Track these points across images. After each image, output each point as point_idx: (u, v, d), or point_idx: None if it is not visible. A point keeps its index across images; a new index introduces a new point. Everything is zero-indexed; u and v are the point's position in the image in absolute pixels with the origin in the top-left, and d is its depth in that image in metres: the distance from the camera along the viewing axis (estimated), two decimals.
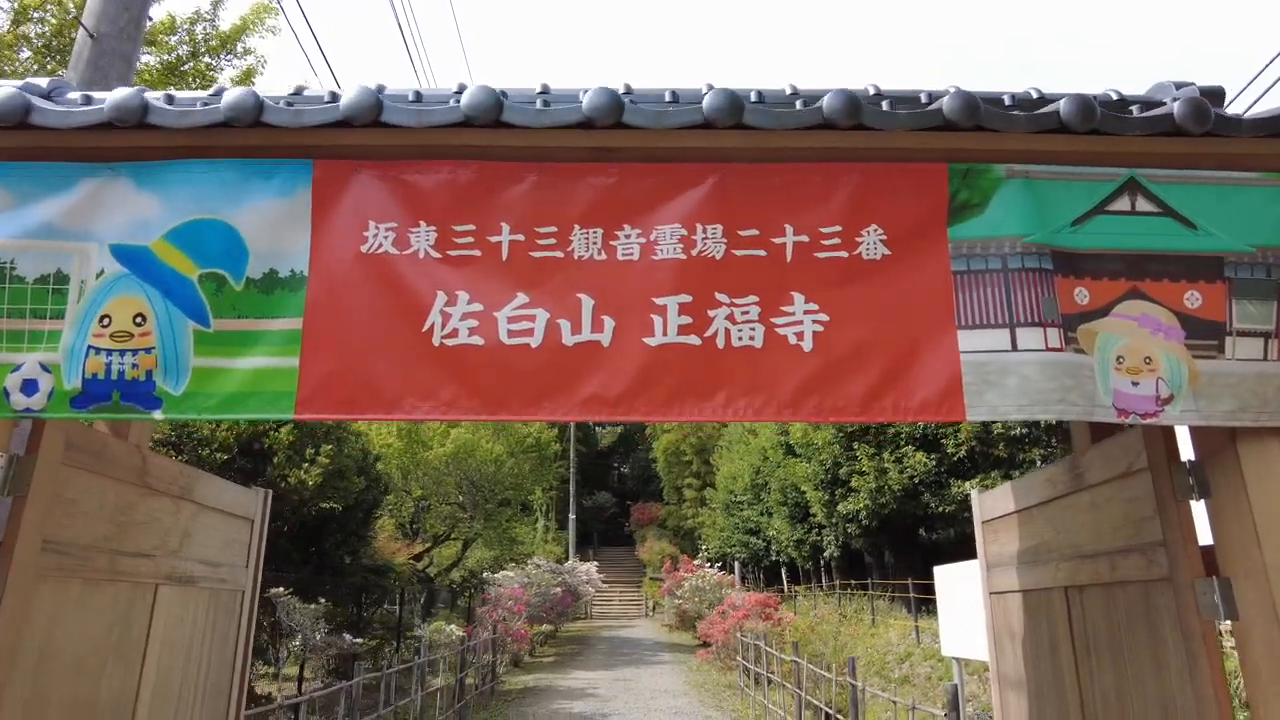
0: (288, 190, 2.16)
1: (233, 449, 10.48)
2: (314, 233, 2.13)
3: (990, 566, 3.81)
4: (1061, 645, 3.03)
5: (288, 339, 2.07)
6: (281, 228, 2.13)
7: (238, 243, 2.12)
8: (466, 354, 2.04)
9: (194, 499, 3.30)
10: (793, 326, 2.08)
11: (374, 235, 2.13)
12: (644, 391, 2.03)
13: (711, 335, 2.07)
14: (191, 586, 3.28)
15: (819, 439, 17.56)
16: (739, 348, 2.07)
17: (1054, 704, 3.10)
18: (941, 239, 2.15)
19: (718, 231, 2.12)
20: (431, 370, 2.03)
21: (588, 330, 2.06)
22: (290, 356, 2.06)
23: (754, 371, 2.05)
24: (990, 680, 3.81)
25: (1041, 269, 2.13)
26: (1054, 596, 3.11)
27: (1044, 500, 3.22)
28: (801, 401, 2.04)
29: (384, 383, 2.02)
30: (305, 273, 2.12)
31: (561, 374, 2.04)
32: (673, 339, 2.06)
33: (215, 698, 3.51)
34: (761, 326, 2.08)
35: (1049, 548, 3.18)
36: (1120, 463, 2.64)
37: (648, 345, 2.06)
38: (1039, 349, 2.07)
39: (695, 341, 2.06)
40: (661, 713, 11.18)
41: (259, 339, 2.08)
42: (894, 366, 2.06)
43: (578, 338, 2.06)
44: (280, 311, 2.10)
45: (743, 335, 2.07)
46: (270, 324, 2.09)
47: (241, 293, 2.10)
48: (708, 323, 2.08)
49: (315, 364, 2.04)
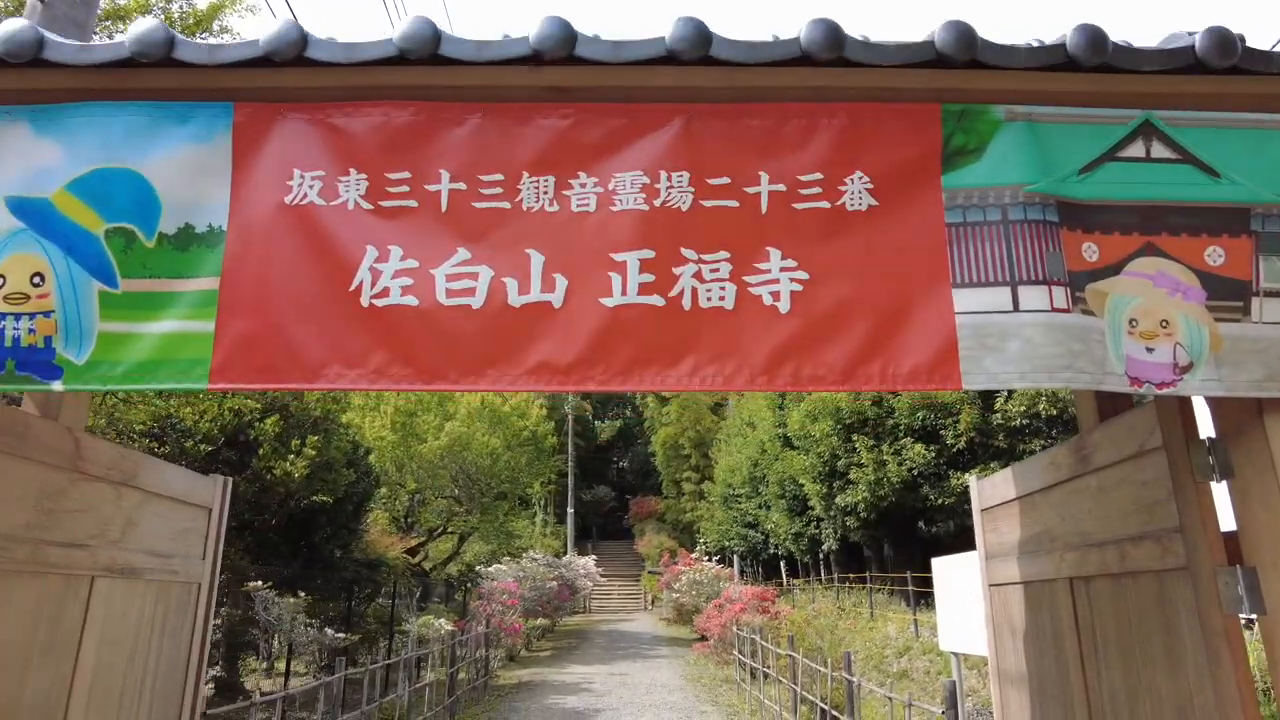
0: (205, 136, 1.94)
1: (218, 440, 10.28)
2: (234, 183, 1.91)
3: (990, 557, 3.60)
4: (1066, 640, 2.81)
5: (203, 301, 1.86)
6: (198, 177, 1.91)
7: (149, 194, 1.90)
8: (399, 316, 1.82)
9: (138, 485, 3.09)
10: (768, 285, 1.86)
11: (299, 185, 1.91)
12: (601, 358, 1.81)
13: (677, 295, 1.85)
14: (136, 579, 3.06)
15: (817, 431, 17.36)
16: (708, 309, 1.85)
17: (1057, 701, 2.89)
18: (934, 188, 1.93)
19: (684, 179, 1.90)
20: (359, 334, 1.81)
21: (537, 290, 1.84)
22: (205, 320, 1.85)
23: (724, 335, 1.83)
24: (990, 676, 3.60)
25: (1045, 221, 1.91)
26: (1058, 588, 2.89)
27: (1047, 485, 3.01)
28: (777, 368, 1.82)
29: (306, 348, 1.80)
30: (224, 227, 1.90)
31: (507, 339, 1.82)
32: (633, 299, 1.84)
33: (166, 696, 3.30)
34: (733, 285, 1.86)
35: (1052, 536, 2.96)
36: (1131, 442, 2.43)
37: (605, 306, 1.84)
38: (1043, 310, 1.85)
39: (658, 302, 1.85)
40: (656, 708, 11.00)
41: (172, 301, 1.86)
42: (881, 329, 1.84)
43: (526, 298, 1.84)
44: (196, 270, 1.88)
45: (712, 295, 1.85)
46: (185, 284, 1.87)
47: (153, 250, 1.89)
48: (672, 281, 1.86)
49: (232, 328, 1.82)
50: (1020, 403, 15.36)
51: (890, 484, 16.07)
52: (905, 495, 16.19)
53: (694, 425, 36.65)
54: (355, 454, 13.39)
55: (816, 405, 17.66)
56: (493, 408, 21.81)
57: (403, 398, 19.00)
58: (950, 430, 15.92)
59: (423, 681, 9.91)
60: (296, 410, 11.30)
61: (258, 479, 10.51)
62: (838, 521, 18.19)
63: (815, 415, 17.64)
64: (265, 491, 10.66)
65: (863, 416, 16.95)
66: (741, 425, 28.11)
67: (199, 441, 9.98)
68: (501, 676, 14.44)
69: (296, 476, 10.44)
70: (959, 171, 1.95)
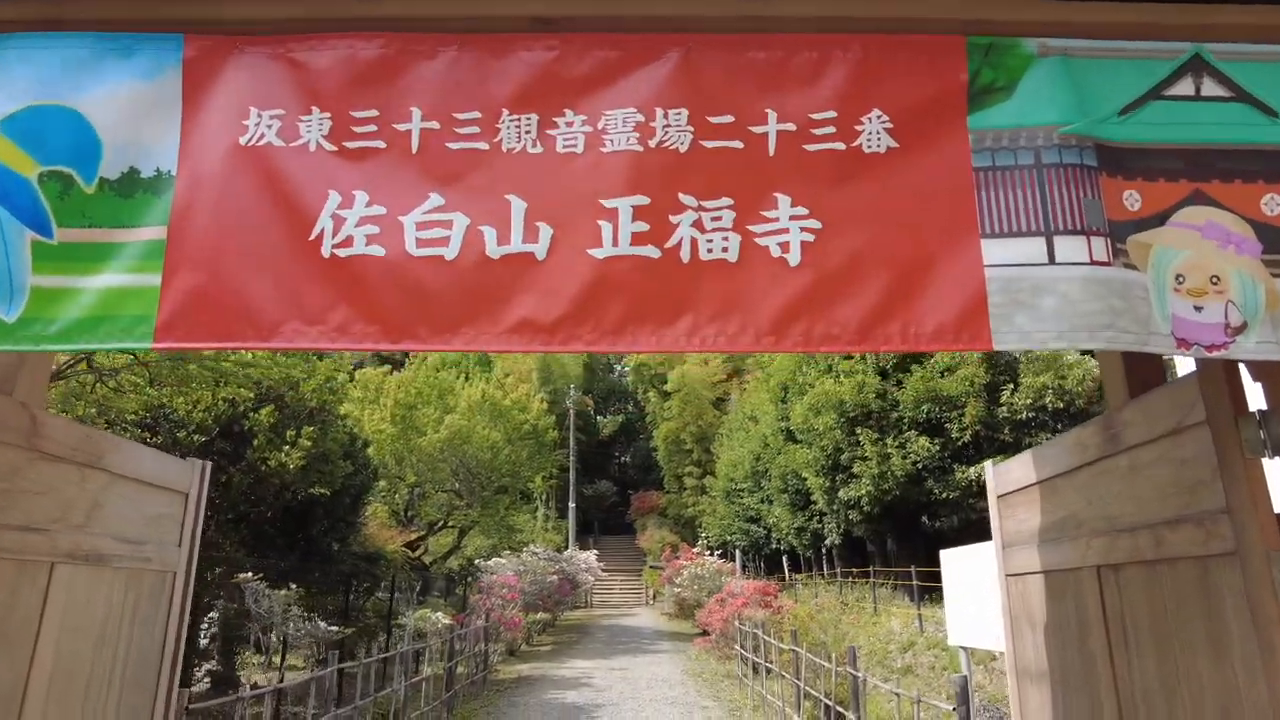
0: (153, 71, 1.75)
1: (212, 431, 10.12)
2: (184, 123, 1.73)
3: (1007, 546, 3.41)
4: (1092, 632, 2.63)
5: (149, 252, 1.68)
6: (144, 117, 1.73)
7: (89, 135, 1.72)
8: (363, 267, 1.64)
9: (105, 467, 2.91)
10: (776, 235, 1.67)
11: (256, 124, 1.72)
12: (589, 315, 1.63)
13: (674, 246, 1.67)
14: (103, 566, 2.89)
15: (820, 424, 17.17)
16: (709, 261, 1.66)
17: (1083, 695, 2.71)
18: (960, 128, 1.74)
19: (682, 118, 1.72)
20: (319, 288, 1.63)
21: (518, 240, 1.66)
22: (151, 274, 1.67)
23: (727, 291, 1.65)
24: (1007, 671, 3.42)
25: (1083, 166, 1.72)
26: (1083, 577, 2.71)
27: (1071, 468, 2.82)
28: (786, 328, 1.63)
29: (261, 304, 1.62)
30: (172, 171, 1.72)
31: (484, 294, 1.64)
32: (625, 250, 1.65)
33: (138, 687, 3.13)
34: (737, 235, 1.67)
35: (1077, 522, 2.77)
36: (1168, 418, 2.24)
37: (594, 258, 1.65)
38: (1081, 262, 1.67)
39: (654, 254, 1.66)
40: (656, 703, 10.85)
41: (114, 253, 1.68)
42: (902, 284, 1.66)
43: (505, 249, 1.66)
44: (141, 219, 1.70)
45: (714, 246, 1.67)
46: (129, 234, 1.69)
47: (94, 196, 1.70)
48: (669, 230, 1.67)
49: (180, 282, 1.65)
50: (1026, 395, 15.16)
51: (894, 477, 15.88)
52: (909, 489, 16.00)
53: (695, 420, 36.49)
54: (353, 446, 13.23)
55: (820, 398, 17.47)
56: (493, 401, 21.67)
57: (403, 390, 18.83)
58: (955, 423, 15.73)
59: (420, 676, 9.75)
60: (292, 400, 11.15)
61: (252, 470, 10.36)
62: (840, 515, 18.02)
63: (818, 408, 17.45)
64: (260, 483, 10.51)
65: (866, 409, 16.76)
66: (743, 419, 27.94)
67: (192, 431, 9.82)
68: (501, 671, 14.30)
69: (292, 468, 10.28)
70: (987, 111, 1.76)
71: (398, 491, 18.95)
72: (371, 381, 19.15)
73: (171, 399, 9.64)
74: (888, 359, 17.15)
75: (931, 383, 16.14)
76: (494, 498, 21.01)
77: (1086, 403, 14.90)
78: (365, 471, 13.84)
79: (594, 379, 47.34)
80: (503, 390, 24.58)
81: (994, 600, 5.27)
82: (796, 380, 19.64)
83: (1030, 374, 15.42)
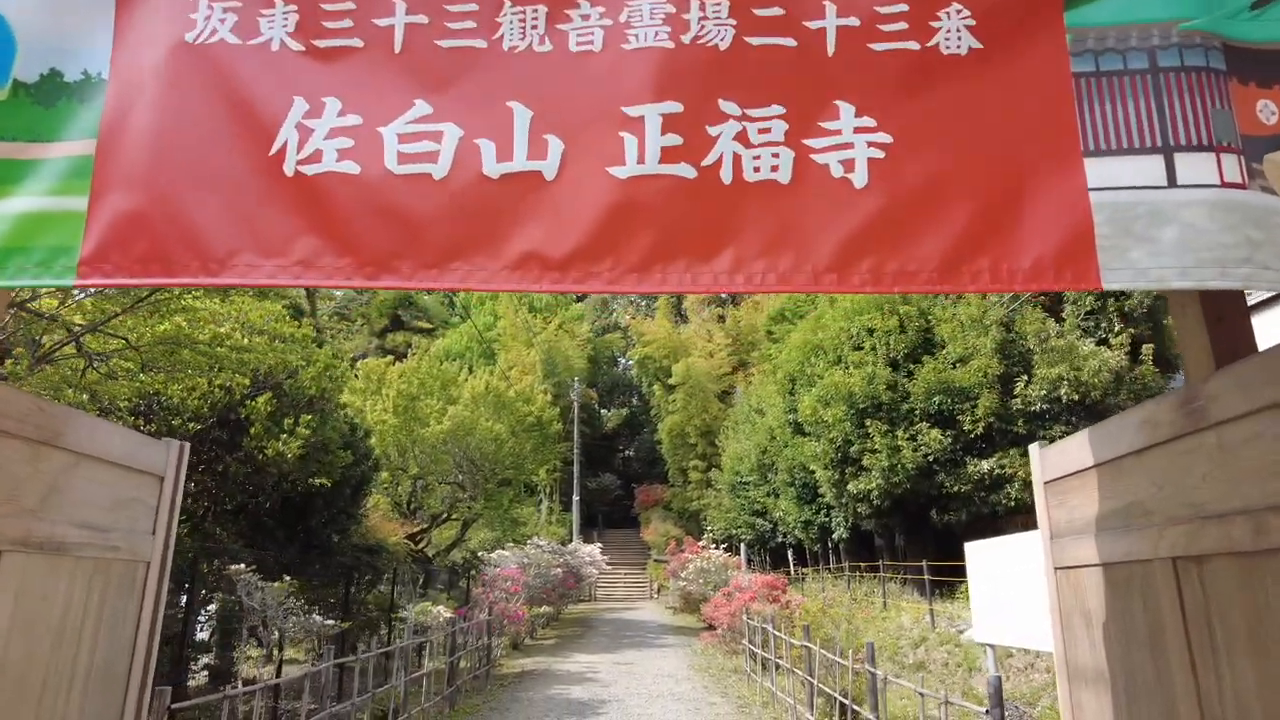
0: None
1: (207, 419, 9.87)
2: (119, 16, 1.43)
3: (1056, 536, 3.11)
4: (1168, 633, 2.33)
5: (73, 171, 1.38)
6: (70, 10, 1.43)
7: (1, 31, 1.42)
8: (334, 188, 1.34)
9: (64, 445, 2.63)
10: (837, 152, 1.38)
11: (206, 18, 1.42)
12: (609, 249, 1.33)
13: (713, 164, 1.37)
14: (61, 555, 2.61)
15: (830, 416, 16.88)
16: (756, 183, 1.37)
17: (1154, 704, 2.41)
18: (1055, 26, 1.44)
19: (722, 8, 1.41)
20: (280, 213, 1.33)
21: (522, 156, 1.36)
22: (75, 196, 1.38)
23: (779, 218, 1.36)
24: (1056, 673, 3.13)
25: (1209, 70, 1.42)
26: (1156, 570, 2.41)
27: (1140, 448, 2.52)
28: (851, 263, 1.34)
29: (209, 232, 1.33)
30: (103, 75, 1.42)
31: (481, 221, 1.35)
32: (653, 169, 1.36)
33: (105, 689, 2.86)
34: (789, 151, 1.38)
35: (1147, 508, 2.48)
36: (1269, 389, 1.93)
37: (615, 178, 1.36)
38: (1210, 184, 1.37)
39: (688, 173, 1.37)
40: (663, 698, 10.59)
41: (29, 171, 1.39)
42: (991, 212, 1.36)
43: (506, 167, 1.36)
44: (64, 131, 1.41)
45: (761, 164, 1.37)
46: (47, 149, 1.40)
47: (6, 103, 1.41)
48: (707, 145, 1.38)
49: (110, 206, 1.35)
50: (1040, 387, 14.84)
51: (904, 470, 15.59)
52: (920, 482, 15.71)
53: (700, 413, 36.22)
54: (353, 435, 12.99)
55: (829, 390, 17.18)
56: (497, 392, 21.44)
57: (405, 380, 18.54)
58: (967, 415, 15.42)
59: (422, 670, 9.50)
60: (290, 388, 10.90)
61: (250, 460, 10.11)
62: (849, 509, 17.74)
63: (827, 400, 17.16)
64: (258, 473, 10.26)
65: (877, 401, 16.46)
66: (749, 412, 27.65)
67: (187, 419, 9.57)
68: (504, 665, 14.07)
69: (290, 457, 10.03)
70: (1088, 6, 1.45)
71: (400, 483, 18.71)
72: (374, 372, 18.91)
73: (166, 386, 9.38)
74: (897, 349, 16.81)
75: (943, 374, 15.82)
76: (498, 490, 20.77)
77: (1102, 395, 14.56)
78: (366, 462, 13.59)
79: (598, 372, 47.07)
80: (507, 381, 24.33)
81: (1028, 595, 4.98)
82: (805, 372, 19.34)
83: (1045, 365, 15.08)
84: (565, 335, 42.33)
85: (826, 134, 1.40)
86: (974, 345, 15.95)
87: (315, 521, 12.19)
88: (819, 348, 19.21)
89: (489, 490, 20.07)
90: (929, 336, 17.16)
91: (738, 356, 38.48)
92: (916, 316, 17.36)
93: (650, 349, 40.42)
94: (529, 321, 40.37)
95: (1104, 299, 16.03)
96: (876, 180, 1.38)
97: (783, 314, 31.56)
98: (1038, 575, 4.68)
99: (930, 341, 17.07)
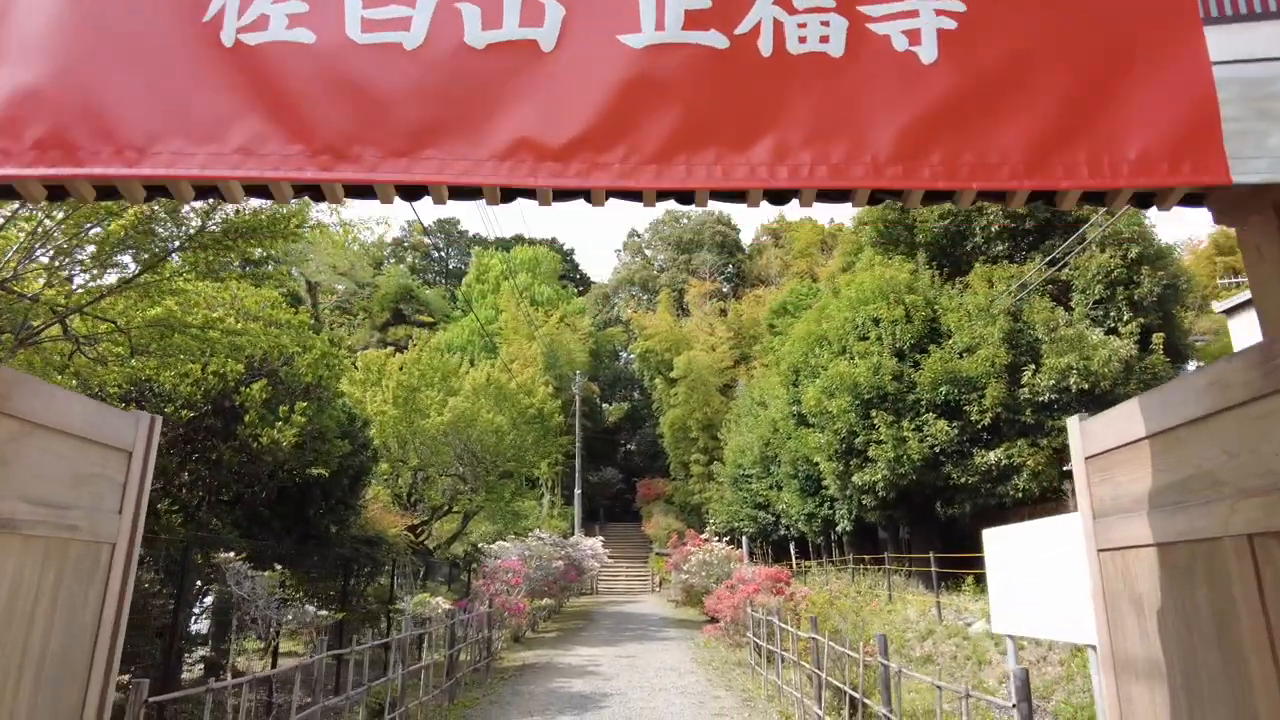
0: None
1: (201, 406, 9.63)
2: None
3: (1100, 515, 2.86)
4: (1241, 620, 2.08)
5: None
6: None
7: None
8: (282, 60, 1.09)
9: (14, 413, 2.38)
10: (901, 20, 1.12)
11: None
12: (619, 134, 1.08)
13: (749, 32, 1.12)
14: (9, 533, 2.36)
15: (834, 407, 16.62)
16: (801, 55, 1.11)
17: (1224, 702, 2.16)
18: None
19: None
20: (215, 89, 1.08)
21: (513, 22, 1.11)
22: None
23: (830, 98, 1.11)
24: (1100, 665, 2.88)
25: None
26: (1224, 549, 2.16)
27: (1205, 414, 2.27)
28: (919, 154, 1.09)
29: (125, 111, 1.08)
30: None
31: (462, 101, 1.09)
32: (675, 37, 1.10)
33: (61, 678, 2.61)
34: (842, 19, 1.12)
35: (1215, 480, 2.22)
36: None
37: (628, 48, 1.10)
38: None
39: (719, 42, 1.11)
40: (666, 692, 10.37)
41: None
42: (1090, 93, 1.10)
43: (494, 35, 1.11)
44: None
45: (809, 33, 1.12)
46: None
47: None
48: (742, 8, 1.12)
49: (5, 81, 1.09)
50: (1049, 376, 14.59)
51: (911, 461, 15.36)
52: (926, 473, 15.48)
53: (702, 406, 36.00)
54: (351, 425, 12.76)
55: (834, 380, 16.93)
56: (498, 384, 21.22)
57: (405, 371, 18.28)
58: (975, 405, 15.17)
59: (421, 663, 9.28)
60: (286, 376, 10.66)
61: (244, 448, 9.87)
62: (853, 501, 17.51)
63: (832, 391, 16.91)
64: (253, 461, 10.02)
65: (882, 391, 16.21)
66: (752, 404, 27.42)
67: (180, 407, 9.33)
68: (505, 658, 13.87)
69: (285, 445, 9.79)
70: None
71: (400, 475, 18.48)
72: (374, 363, 18.68)
73: (158, 372, 9.14)
74: (903, 338, 16.53)
75: (950, 364, 15.57)
76: (499, 483, 20.56)
77: (1112, 385, 14.30)
78: (365, 452, 13.36)
79: (600, 366, 46.85)
80: (508, 374, 24.10)
81: (1052, 583, 4.74)
82: (809, 363, 19.09)
83: (1053, 354, 14.83)
84: (567, 329, 42.12)
85: (887, 0, 1.14)
86: (981, 334, 15.70)
87: (313, 512, 11.96)
88: (823, 338, 18.96)
89: (490, 483, 19.87)
90: (935, 326, 16.90)
91: (740, 350, 38.25)
92: (923, 306, 17.10)
93: (652, 343, 40.19)
94: (530, 314, 40.14)
95: (1113, 288, 15.75)
96: (948, 54, 1.13)
97: (785, 307, 31.31)
98: (1066, 561, 4.43)
99: (937, 331, 16.81)
